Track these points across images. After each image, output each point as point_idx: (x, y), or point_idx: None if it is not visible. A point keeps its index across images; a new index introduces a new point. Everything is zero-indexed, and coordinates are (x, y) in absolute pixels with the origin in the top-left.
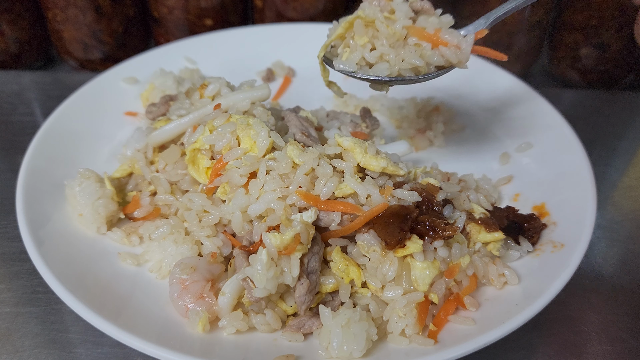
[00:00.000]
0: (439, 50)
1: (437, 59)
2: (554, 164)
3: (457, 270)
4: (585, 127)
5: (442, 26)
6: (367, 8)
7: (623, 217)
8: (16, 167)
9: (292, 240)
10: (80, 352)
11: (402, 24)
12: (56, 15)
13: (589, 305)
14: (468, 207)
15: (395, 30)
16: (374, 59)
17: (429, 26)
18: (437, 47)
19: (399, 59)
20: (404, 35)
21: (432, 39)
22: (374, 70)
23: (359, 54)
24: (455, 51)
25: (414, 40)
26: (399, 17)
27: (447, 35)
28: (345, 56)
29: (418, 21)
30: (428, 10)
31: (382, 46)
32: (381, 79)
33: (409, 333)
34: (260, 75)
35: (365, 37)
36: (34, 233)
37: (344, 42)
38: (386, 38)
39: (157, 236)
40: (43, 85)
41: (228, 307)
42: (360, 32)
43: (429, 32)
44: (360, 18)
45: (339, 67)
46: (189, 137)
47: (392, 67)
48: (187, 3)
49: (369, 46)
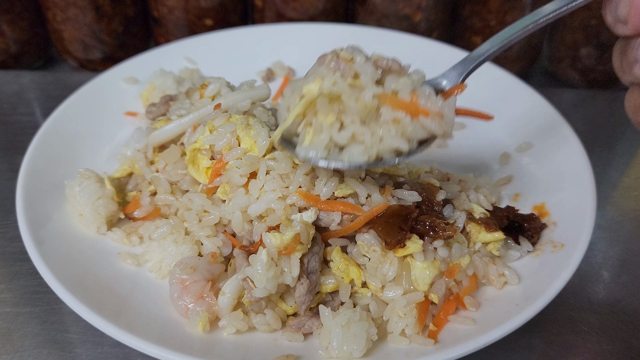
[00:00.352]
0: (419, 122)
1: (420, 133)
2: (554, 164)
3: (457, 270)
4: (585, 127)
5: (415, 85)
6: (327, 77)
7: (623, 217)
8: (16, 167)
9: (292, 240)
10: (80, 352)
11: (372, 92)
12: (56, 15)
13: (589, 305)
14: (468, 207)
15: (365, 103)
16: (344, 140)
17: (401, 90)
18: (416, 117)
19: (375, 140)
20: (375, 106)
21: (411, 108)
22: (347, 155)
23: (326, 135)
24: (438, 120)
25: (387, 110)
26: (366, 82)
27: (426, 100)
28: (308, 138)
29: (386, 82)
30: (397, 70)
31: (353, 124)
32: (359, 166)
33: (409, 333)
34: (260, 75)
35: (332, 115)
36: (34, 233)
37: (304, 119)
38: (356, 113)
39: (157, 236)
40: (43, 85)
41: (228, 307)
42: (324, 109)
43: (404, 98)
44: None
45: (305, 155)
46: (189, 137)
47: (368, 149)
48: (187, 3)
49: (337, 125)
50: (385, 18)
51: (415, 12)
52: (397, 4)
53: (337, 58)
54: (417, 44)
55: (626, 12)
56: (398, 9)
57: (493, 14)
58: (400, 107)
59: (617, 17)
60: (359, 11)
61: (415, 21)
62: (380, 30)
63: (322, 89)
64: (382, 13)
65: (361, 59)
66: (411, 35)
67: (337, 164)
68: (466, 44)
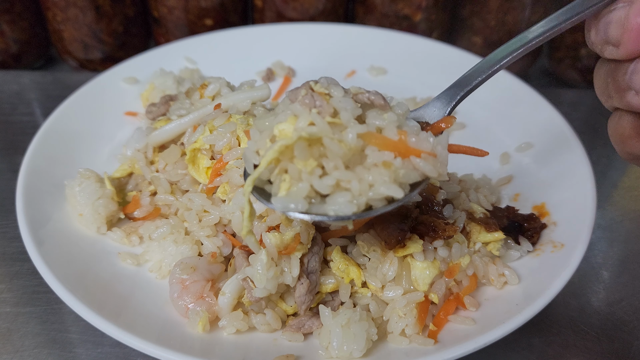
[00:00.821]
0: (410, 163)
1: (412, 176)
2: (554, 164)
3: (457, 270)
4: (585, 127)
5: (400, 121)
6: (302, 115)
7: (623, 217)
8: (16, 167)
9: (292, 240)
10: (80, 352)
11: (356, 132)
12: (56, 15)
13: (589, 304)
14: (468, 207)
15: (349, 145)
16: (327, 189)
17: (387, 127)
18: (407, 158)
19: (364, 187)
20: (360, 147)
21: (400, 148)
22: (332, 205)
23: (306, 184)
24: (431, 161)
25: (373, 151)
26: (346, 120)
27: (416, 138)
28: (284, 188)
29: (368, 119)
30: (381, 105)
31: (336, 170)
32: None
33: (409, 333)
34: (260, 75)
35: (312, 160)
36: (34, 233)
37: (278, 166)
38: (340, 157)
39: (157, 236)
40: (43, 85)
41: (228, 307)
42: (303, 155)
43: (391, 137)
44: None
45: (283, 207)
46: (189, 137)
47: (356, 198)
48: (187, 3)
49: (318, 171)
50: (385, 18)
51: (415, 12)
52: (397, 4)
53: (312, 92)
54: (417, 44)
55: (619, 34)
56: (398, 9)
57: (493, 14)
58: (389, 148)
59: (606, 39)
60: (359, 11)
61: (415, 21)
62: (380, 30)
63: (300, 131)
64: (382, 13)
65: (339, 93)
66: (411, 35)
67: (323, 217)
68: (466, 44)
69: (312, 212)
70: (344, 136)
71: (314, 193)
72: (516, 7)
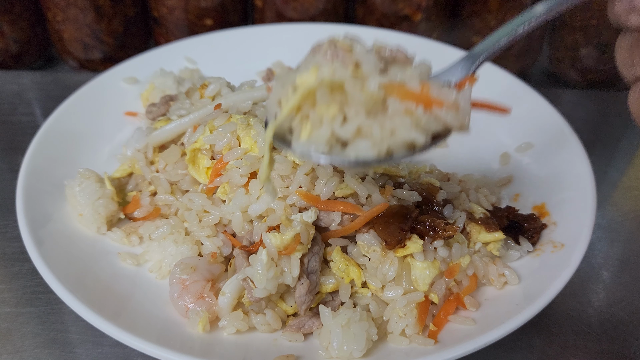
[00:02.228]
0: (432, 114)
1: (434, 125)
2: (554, 164)
3: (457, 270)
4: (585, 127)
5: (422, 77)
6: (324, 65)
7: (623, 217)
8: (16, 167)
9: (292, 240)
10: (80, 352)
11: (378, 82)
12: (56, 15)
13: (589, 305)
14: (468, 207)
15: (371, 93)
16: (349, 134)
17: (409, 80)
18: (429, 108)
19: (386, 133)
20: (381, 97)
21: (422, 98)
22: (353, 150)
23: (327, 129)
24: (454, 112)
25: (395, 102)
26: (368, 71)
27: (439, 91)
28: (305, 133)
29: (390, 74)
30: (403, 60)
31: (358, 116)
32: (368, 162)
33: (409, 333)
34: (260, 75)
35: (334, 105)
36: (34, 233)
37: (299, 114)
38: (361, 105)
39: (157, 236)
40: (43, 85)
41: (228, 307)
42: (325, 100)
43: (413, 89)
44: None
45: (304, 150)
46: (189, 137)
47: (378, 143)
48: (187, 3)
49: (339, 117)
50: (385, 18)
51: (415, 12)
52: (397, 4)
53: (335, 47)
54: (417, 44)
55: None
56: (398, 9)
57: (493, 14)
58: (411, 98)
59: (632, 6)
60: (359, 11)
61: (415, 21)
62: (380, 31)
63: (323, 77)
64: (382, 13)
65: (362, 48)
66: (411, 35)
67: (343, 160)
68: (466, 44)
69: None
70: (366, 85)
71: (334, 140)
72: (516, 7)
